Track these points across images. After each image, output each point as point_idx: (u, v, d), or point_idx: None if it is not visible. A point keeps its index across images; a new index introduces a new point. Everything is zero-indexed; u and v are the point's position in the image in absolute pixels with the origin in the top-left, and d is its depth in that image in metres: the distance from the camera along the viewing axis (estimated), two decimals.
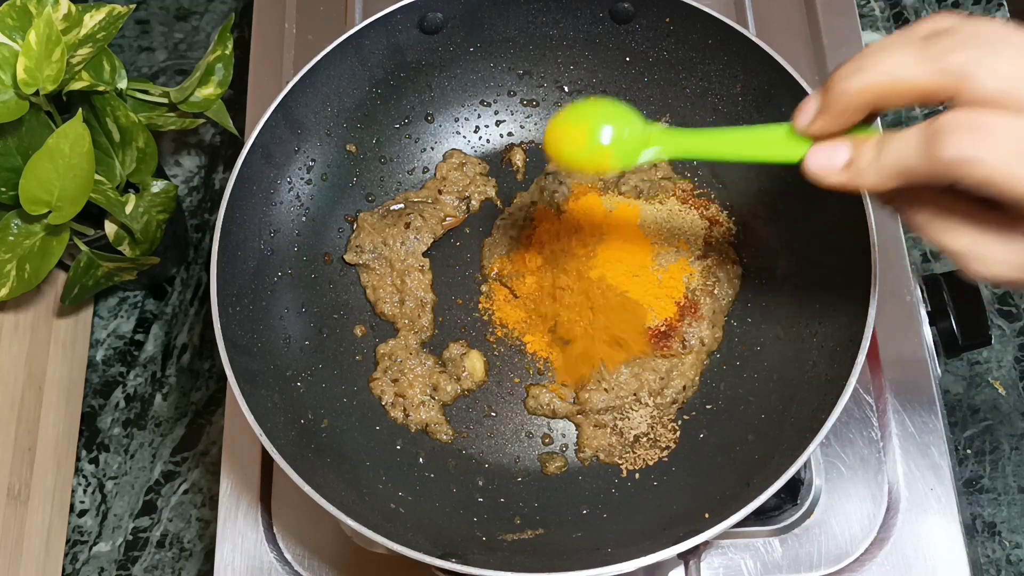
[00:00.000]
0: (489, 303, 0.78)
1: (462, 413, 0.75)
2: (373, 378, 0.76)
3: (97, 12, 0.75)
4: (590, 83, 0.81)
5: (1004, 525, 0.85)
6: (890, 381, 0.77)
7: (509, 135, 0.83)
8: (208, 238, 0.97)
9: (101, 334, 0.94)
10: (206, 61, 0.84)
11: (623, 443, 0.72)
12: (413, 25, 0.76)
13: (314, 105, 0.75)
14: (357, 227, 0.79)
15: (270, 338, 0.72)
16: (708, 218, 0.78)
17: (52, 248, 0.77)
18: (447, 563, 0.59)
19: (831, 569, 0.72)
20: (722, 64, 0.75)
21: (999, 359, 0.91)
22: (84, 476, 0.89)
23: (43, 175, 0.71)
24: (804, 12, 0.91)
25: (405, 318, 0.77)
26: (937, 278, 0.79)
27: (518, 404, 0.75)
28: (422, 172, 0.82)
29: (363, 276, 0.79)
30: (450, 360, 0.76)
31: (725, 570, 0.72)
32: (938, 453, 0.74)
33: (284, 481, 0.75)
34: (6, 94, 0.71)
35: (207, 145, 1.02)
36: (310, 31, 0.91)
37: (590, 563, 0.59)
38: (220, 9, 1.08)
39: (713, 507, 0.62)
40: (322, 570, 0.73)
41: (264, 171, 0.73)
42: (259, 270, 0.72)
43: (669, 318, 0.74)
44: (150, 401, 0.91)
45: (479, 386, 0.76)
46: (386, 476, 0.70)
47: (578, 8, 0.77)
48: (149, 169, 0.82)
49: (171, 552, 0.86)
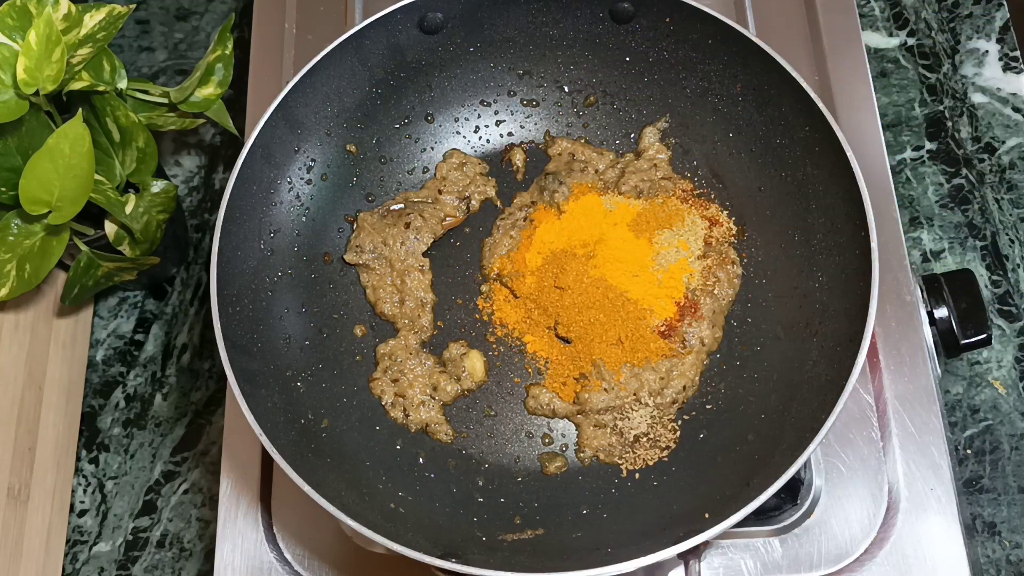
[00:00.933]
0: (489, 303, 0.78)
1: (462, 413, 0.75)
2: (373, 378, 0.76)
3: (97, 12, 0.75)
4: (590, 83, 0.81)
5: (1004, 525, 0.85)
6: (890, 381, 0.77)
7: (509, 135, 0.83)
8: (208, 238, 0.97)
9: (101, 334, 0.94)
10: (206, 61, 0.84)
11: (623, 443, 0.72)
12: (413, 25, 0.76)
13: (314, 105, 0.75)
14: (357, 227, 0.79)
15: (270, 338, 0.72)
16: (708, 218, 0.78)
17: (52, 248, 0.77)
18: (447, 563, 0.59)
19: (831, 569, 0.72)
20: (722, 64, 0.75)
21: (999, 359, 0.91)
22: (84, 476, 0.89)
23: (43, 175, 0.71)
24: (804, 12, 0.91)
25: (405, 318, 0.77)
26: (937, 278, 0.79)
27: (518, 404, 0.75)
28: (422, 172, 0.82)
29: (363, 276, 0.79)
30: (450, 360, 0.76)
31: (725, 570, 0.72)
32: (938, 453, 0.74)
33: (284, 481, 0.75)
34: (6, 94, 0.71)
35: (207, 145, 1.02)
36: (310, 31, 0.91)
37: (590, 563, 0.59)
38: (220, 9, 1.08)
39: (713, 507, 0.62)
40: (322, 570, 0.73)
41: (264, 171, 0.73)
42: (259, 270, 0.72)
43: (669, 318, 0.74)
44: (150, 401, 0.91)
45: (479, 386, 0.76)
46: (386, 476, 0.70)
47: (578, 8, 0.77)
48: (149, 169, 0.82)
49: (171, 552, 0.86)
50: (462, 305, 0.78)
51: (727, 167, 0.78)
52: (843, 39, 0.88)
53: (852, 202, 0.67)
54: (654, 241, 0.76)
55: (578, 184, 0.80)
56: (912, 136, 0.99)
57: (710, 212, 0.78)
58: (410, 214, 0.79)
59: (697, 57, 0.76)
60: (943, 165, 0.98)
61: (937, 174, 0.97)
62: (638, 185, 0.79)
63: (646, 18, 0.76)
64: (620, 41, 0.78)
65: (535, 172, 0.82)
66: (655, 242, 0.76)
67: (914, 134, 0.99)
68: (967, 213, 0.96)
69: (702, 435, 0.72)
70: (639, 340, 0.74)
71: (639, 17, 0.76)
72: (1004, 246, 0.94)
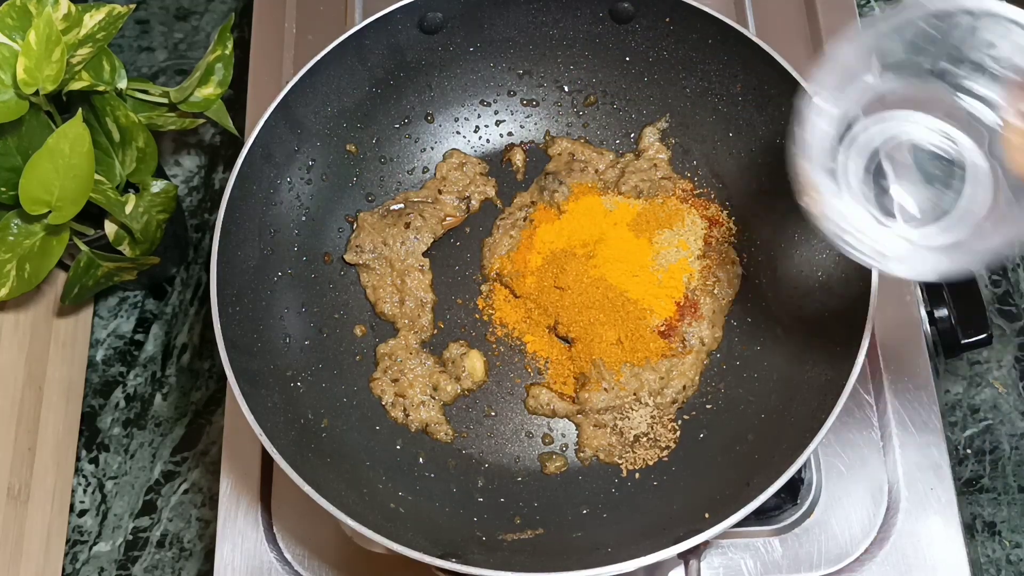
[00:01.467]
0: (489, 303, 0.78)
1: (462, 413, 0.75)
2: (373, 378, 0.76)
3: (97, 12, 0.75)
4: (590, 83, 0.81)
5: (1004, 525, 0.85)
6: (890, 381, 0.77)
7: (509, 135, 0.83)
8: (208, 238, 0.97)
9: (101, 334, 0.94)
10: (206, 61, 0.84)
11: (623, 443, 0.72)
12: (413, 25, 0.76)
13: (314, 105, 0.75)
14: (357, 227, 0.79)
15: (270, 338, 0.72)
16: (708, 218, 0.78)
17: (52, 248, 0.77)
18: (447, 563, 0.59)
19: (831, 569, 0.72)
20: (722, 64, 0.75)
21: (999, 359, 0.91)
22: (84, 476, 0.89)
23: (43, 175, 0.71)
24: (804, 12, 0.91)
25: (405, 318, 0.77)
26: None
27: (518, 404, 0.75)
28: (422, 172, 0.82)
29: (363, 276, 0.79)
30: (450, 360, 0.76)
31: (725, 570, 0.72)
32: (938, 453, 0.74)
33: (284, 481, 0.75)
34: (6, 94, 0.71)
35: (207, 145, 1.02)
36: (310, 31, 0.91)
37: (590, 563, 0.59)
38: (220, 9, 1.08)
39: (713, 507, 0.62)
40: (322, 570, 0.73)
41: (264, 171, 0.73)
42: (259, 270, 0.72)
43: (669, 318, 0.74)
44: (150, 401, 0.91)
45: (479, 386, 0.76)
46: (386, 476, 0.70)
47: (578, 8, 0.77)
48: (149, 169, 0.82)
49: (171, 552, 0.86)
50: (462, 305, 0.78)
51: (727, 167, 0.78)
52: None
53: None
54: (654, 241, 0.76)
55: (578, 184, 0.80)
56: None
57: (710, 212, 0.78)
58: (410, 214, 0.79)
59: (697, 57, 0.76)
60: None
61: None
62: (638, 185, 0.79)
63: (646, 18, 0.76)
64: (620, 41, 0.78)
65: (535, 172, 0.82)
66: (655, 242, 0.76)
67: None
68: None
69: (702, 435, 0.72)
70: (639, 340, 0.74)
71: (639, 17, 0.76)
72: None
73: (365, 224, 0.79)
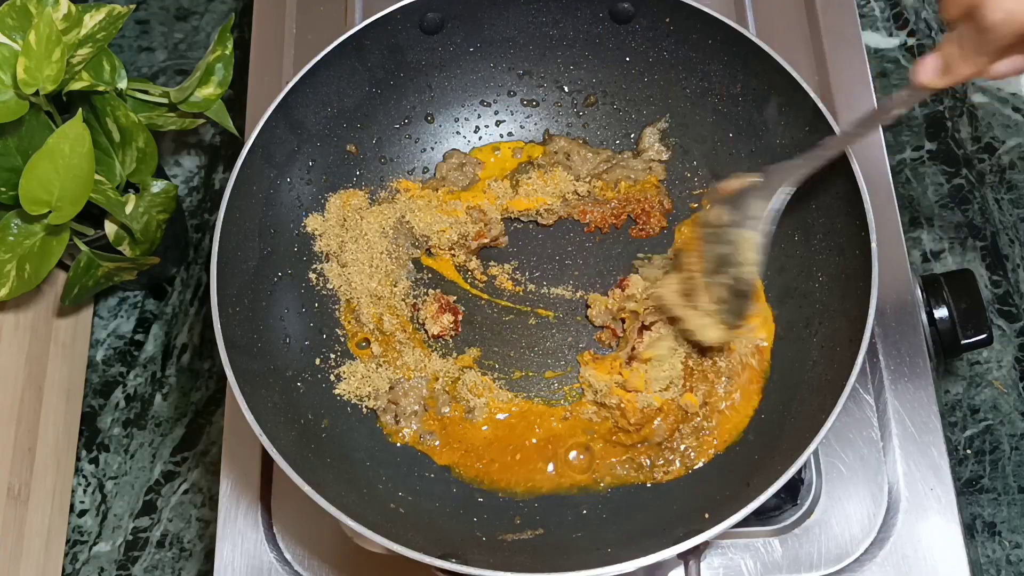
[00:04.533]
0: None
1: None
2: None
3: (97, 12, 0.75)
4: (590, 83, 0.81)
5: (1004, 525, 0.85)
6: (890, 381, 0.77)
7: (509, 135, 0.83)
8: (208, 238, 0.97)
9: (101, 334, 0.94)
10: (206, 61, 0.84)
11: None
12: (413, 25, 0.76)
13: (314, 105, 0.75)
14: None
15: (270, 338, 0.72)
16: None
17: (52, 248, 0.77)
18: (447, 563, 0.59)
19: (831, 569, 0.72)
20: (722, 64, 0.75)
21: (999, 359, 0.91)
22: (84, 476, 0.89)
23: (43, 175, 0.71)
24: (804, 12, 0.91)
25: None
26: (937, 278, 0.79)
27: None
28: (422, 172, 0.82)
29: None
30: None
31: (725, 570, 0.72)
32: (938, 453, 0.74)
33: (284, 481, 0.75)
34: (6, 94, 0.71)
35: (207, 145, 1.02)
36: (310, 31, 0.91)
37: (590, 563, 0.59)
38: (220, 9, 1.08)
39: (713, 507, 0.62)
40: (322, 570, 0.73)
41: (264, 171, 0.73)
42: (259, 270, 0.72)
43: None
44: (150, 401, 0.91)
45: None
46: (386, 476, 0.70)
47: (578, 8, 0.77)
48: (149, 169, 0.82)
49: (171, 552, 0.86)
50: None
51: (727, 167, 0.78)
52: (843, 39, 0.88)
53: (852, 202, 0.67)
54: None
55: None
56: (912, 136, 0.99)
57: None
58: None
59: (697, 57, 0.76)
60: (943, 165, 0.98)
61: (937, 174, 0.97)
62: (619, 178, 0.79)
63: (646, 18, 0.76)
64: (620, 41, 0.78)
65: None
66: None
67: (914, 134, 0.99)
68: (967, 213, 0.96)
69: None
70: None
71: (639, 17, 0.76)
72: (1004, 246, 0.94)
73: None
